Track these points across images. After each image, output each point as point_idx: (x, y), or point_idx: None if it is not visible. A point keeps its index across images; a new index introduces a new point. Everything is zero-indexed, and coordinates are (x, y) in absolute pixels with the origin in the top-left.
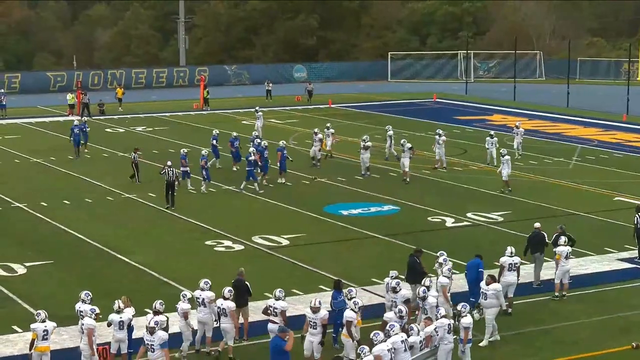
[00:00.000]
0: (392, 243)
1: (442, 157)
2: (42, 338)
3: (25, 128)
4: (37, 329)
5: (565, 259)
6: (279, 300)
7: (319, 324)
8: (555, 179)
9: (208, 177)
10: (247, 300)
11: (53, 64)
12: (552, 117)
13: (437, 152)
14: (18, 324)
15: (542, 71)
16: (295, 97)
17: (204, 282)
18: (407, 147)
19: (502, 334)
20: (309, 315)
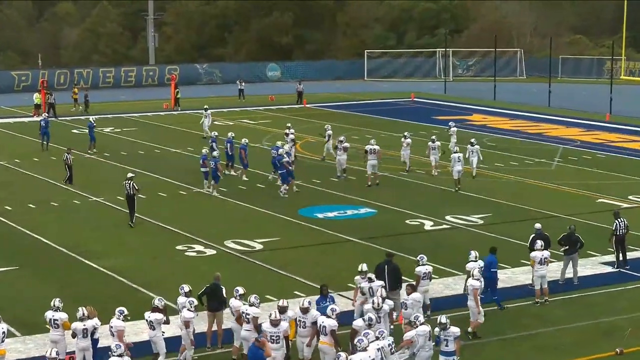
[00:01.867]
0: (369, 247)
1: (406, 160)
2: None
3: None
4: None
5: (540, 264)
6: (252, 306)
7: (309, 325)
8: (536, 181)
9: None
10: (222, 305)
11: (18, 63)
12: (534, 116)
13: (433, 157)
14: None
15: (523, 69)
16: (269, 97)
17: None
18: (374, 148)
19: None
20: (299, 316)
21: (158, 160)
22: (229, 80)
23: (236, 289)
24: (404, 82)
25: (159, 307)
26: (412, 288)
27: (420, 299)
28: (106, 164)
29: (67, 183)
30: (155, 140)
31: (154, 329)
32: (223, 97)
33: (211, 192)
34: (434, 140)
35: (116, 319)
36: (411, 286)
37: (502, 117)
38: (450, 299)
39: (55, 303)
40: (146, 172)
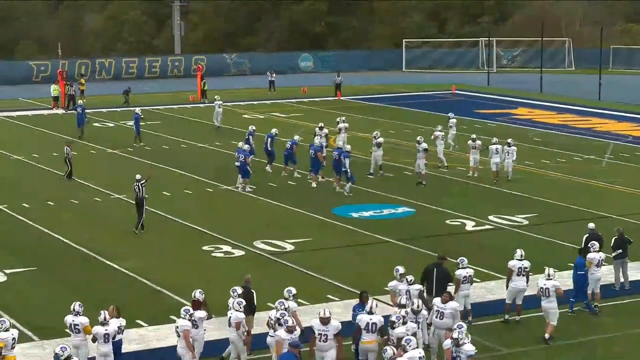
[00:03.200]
0: (407, 248)
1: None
2: (11, 347)
3: (5, 122)
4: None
5: (597, 266)
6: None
7: (330, 337)
8: (585, 178)
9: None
10: (253, 309)
11: (37, 52)
12: (582, 110)
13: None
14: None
15: (572, 60)
16: (301, 89)
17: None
18: (422, 147)
19: (526, 348)
20: (318, 328)
21: (183, 156)
22: (258, 71)
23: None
24: (445, 73)
25: (199, 300)
26: (449, 296)
27: (458, 308)
28: (129, 159)
29: (67, 179)
30: (181, 134)
31: (197, 327)
32: (253, 89)
33: (242, 189)
34: (475, 139)
35: (182, 318)
36: (448, 293)
37: (549, 110)
38: (492, 304)
39: (75, 307)
40: (171, 168)
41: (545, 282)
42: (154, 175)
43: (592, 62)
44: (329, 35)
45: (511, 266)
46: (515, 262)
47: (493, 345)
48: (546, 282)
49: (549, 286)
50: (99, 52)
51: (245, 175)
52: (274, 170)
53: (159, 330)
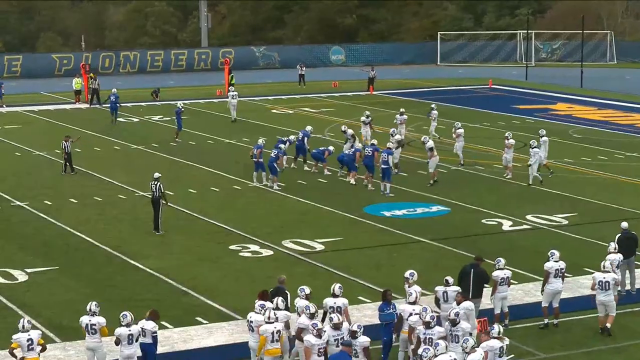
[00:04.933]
0: (441, 248)
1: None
2: (27, 349)
3: (27, 117)
4: (21, 338)
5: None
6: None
7: (359, 351)
8: (628, 177)
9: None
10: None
11: (59, 45)
12: (625, 106)
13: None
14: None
15: (614, 54)
16: (332, 83)
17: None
18: (428, 147)
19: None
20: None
21: (210, 152)
22: (288, 64)
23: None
24: (481, 67)
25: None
26: (463, 296)
27: (472, 308)
28: (154, 155)
29: (66, 172)
30: (208, 129)
31: (253, 330)
32: (282, 83)
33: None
34: (508, 137)
35: (255, 313)
36: (462, 294)
37: (590, 106)
38: (530, 307)
39: (91, 307)
40: (198, 165)
41: (605, 276)
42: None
43: (635, 56)
44: (361, 28)
45: (548, 268)
46: (552, 264)
47: (530, 349)
48: (605, 275)
49: (609, 279)
50: (123, 45)
51: (274, 173)
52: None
53: (184, 332)
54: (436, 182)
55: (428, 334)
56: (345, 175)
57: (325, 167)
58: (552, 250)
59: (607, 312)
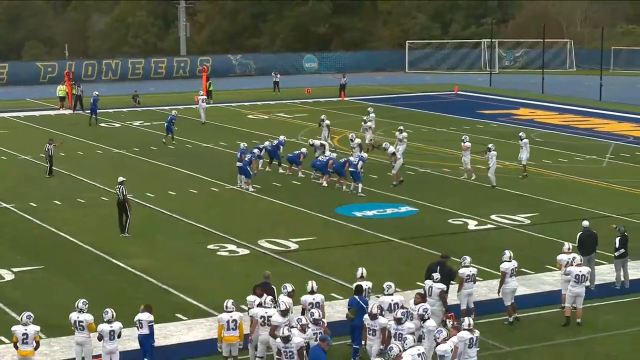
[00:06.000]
0: (410, 247)
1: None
2: (22, 341)
3: (13, 122)
4: (17, 331)
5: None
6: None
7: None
8: (586, 178)
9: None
10: None
11: (44, 53)
12: (584, 111)
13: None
14: (6, 335)
15: (573, 61)
16: (305, 90)
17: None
18: (390, 152)
19: (529, 345)
20: (367, 322)
21: (189, 155)
22: (263, 71)
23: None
24: (447, 74)
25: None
26: (421, 297)
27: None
28: (135, 158)
29: (49, 176)
30: (186, 134)
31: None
32: (257, 90)
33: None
34: (464, 141)
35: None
36: (420, 295)
37: (551, 111)
38: (494, 303)
39: (79, 305)
40: (177, 168)
41: (580, 269)
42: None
43: (593, 63)
44: (333, 36)
45: (504, 269)
46: (508, 265)
47: (495, 343)
48: (581, 269)
49: (584, 272)
50: (106, 53)
51: (247, 176)
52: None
53: (164, 328)
54: (402, 183)
55: (399, 329)
56: (318, 178)
57: (299, 170)
58: (504, 251)
59: (576, 304)
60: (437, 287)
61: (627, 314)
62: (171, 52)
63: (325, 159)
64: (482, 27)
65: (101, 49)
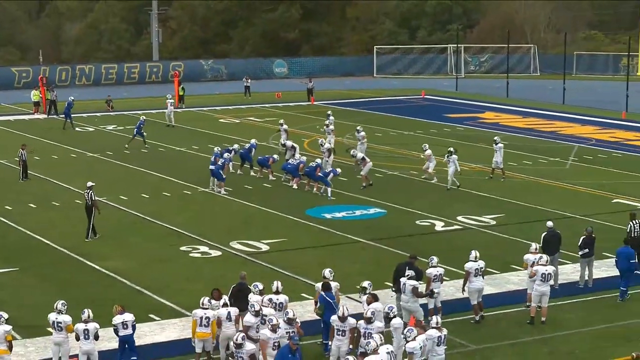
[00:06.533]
0: (379, 248)
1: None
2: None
3: None
4: None
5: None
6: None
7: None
8: (550, 180)
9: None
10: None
11: (18, 59)
12: (547, 114)
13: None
14: None
15: (537, 66)
16: (276, 94)
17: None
18: (358, 158)
19: (494, 343)
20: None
21: (162, 159)
22: (234, 76)
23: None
24: (415, 79)
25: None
26: (373, 297)
27: (381, 309)
28: (109, 162)
29: (23, 180)
30: (159, 138)
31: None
32: (229, 94)
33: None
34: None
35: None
36: (372, 295)
37: (515, 115)
38: (461, 302)
39: (58, 306)
40: (150, 171)
41: (547, 268)
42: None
43: (557, 68)
44: (303, 42)
45: (468, 268)
46: (472, 264)
47: (462, 341)
48: (547, 267)
49: (550, 271)
50: (79, 59)
51: (220, 179)
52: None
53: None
54: (371, 185)
55: (368, 328)
56: (288, 181)
57: (270, 173)
58: (471, 251)
59: (542, 303)
60: (410, 283)
61: (589, 312)
62: (144, 57)
63: (296, 162)
64: (448, 33)
65: (75, 54)
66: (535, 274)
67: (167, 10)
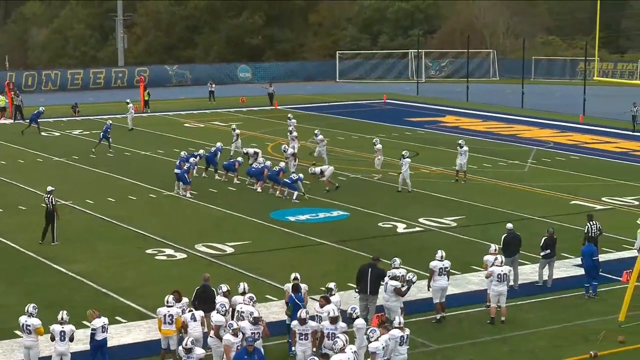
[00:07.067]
0: (342, 250)
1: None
2: None
3: None
4: None
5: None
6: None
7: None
8: (509, 182)
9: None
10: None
11: None
12: (507, 118)
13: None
14: None
15: (496, 71)
16: (240, 99)
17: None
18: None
19: (456, 343)
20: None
21: (128, 163)
22: (199, 81)
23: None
24: (376, 83)
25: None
26: (325, 300)
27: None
28: (75, 166)
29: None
30: (125, 142)
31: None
32: (193, 99)
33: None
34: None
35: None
36: (325, 298)
37: (475, 118)
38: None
39: (29, 309)
40: (116, 175)
41: (502, 269)
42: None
43: (515, 72)
44: (266, 47)
45: (432, 267)
46: (437, 263)
47: (424, 341)
48: (502, 268)
49: (506, 272)
50: (46, 64)
51: (185, 182)
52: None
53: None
54: (338, 188)
55: (331, 329)
56: (252, 184)
57: (235, 177)
58: (437, 250)
59: (500, 303)
60: (392, 284)
61: (549, 312)
62: (109, 63)
63: (260, 166)
64: (410, 39)
65: (41, 60)
66: (492, 275)
67: (132, 16)
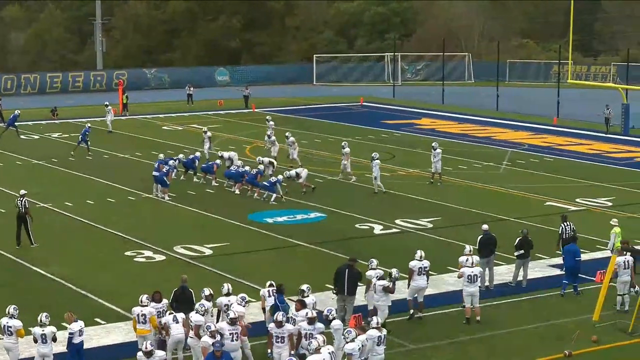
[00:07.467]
0: (320, 251)
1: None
2: None
3: None
4: None
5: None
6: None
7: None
8: (484, 184)
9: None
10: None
11: None
12: (482, 120)
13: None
14: None
15: (471, 73)
16: (218, 102)
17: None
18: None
19: (433, 343)
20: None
21: (106, 166)
22: (177, 85)
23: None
24: (353, 86)
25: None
26: (301, 304)
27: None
28: (54, 169)
29: None
30: (103, 145)
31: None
32: (172, 102)
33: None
34: (344, 147)
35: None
36: (300, 302)
37: (451, 121)
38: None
39: (10, 310)
40: (94, 178)
41: (472, 270)
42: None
43: (490, 75)
44: (244, 51)
45: (412, 266)
46: (416, 263)
47: (401, 341)
48: (473, 269)
49: (476, 272)
50: (25, 68)
51: (164, 185)
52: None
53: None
54: (314, 189)
55: (309, 329)
56: (230, 186)
57: (213, 179)
58: (417, 250)
59: (473, 303)
60: (380, 283)
61: (524, 312)
62: (88, 66)
63: (241, 170)
64: (386, 42)
65: (20, 63)
66: (463, 276)
67: (110, 19)
